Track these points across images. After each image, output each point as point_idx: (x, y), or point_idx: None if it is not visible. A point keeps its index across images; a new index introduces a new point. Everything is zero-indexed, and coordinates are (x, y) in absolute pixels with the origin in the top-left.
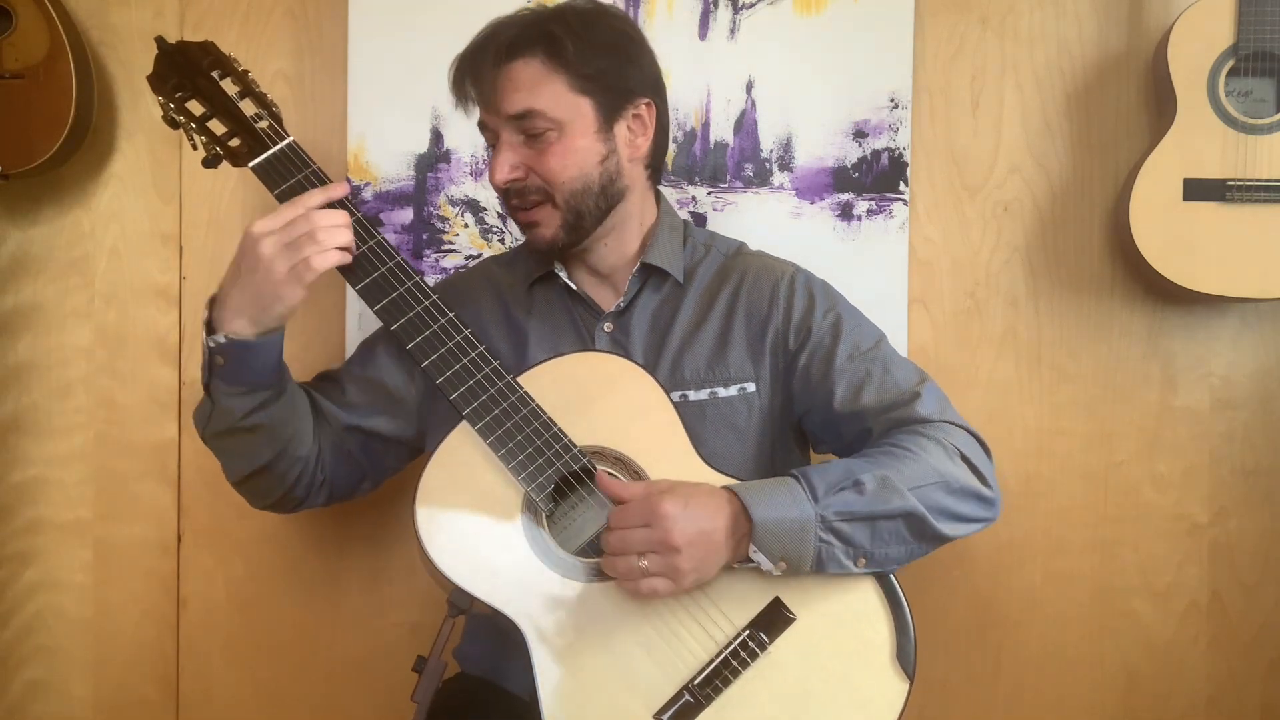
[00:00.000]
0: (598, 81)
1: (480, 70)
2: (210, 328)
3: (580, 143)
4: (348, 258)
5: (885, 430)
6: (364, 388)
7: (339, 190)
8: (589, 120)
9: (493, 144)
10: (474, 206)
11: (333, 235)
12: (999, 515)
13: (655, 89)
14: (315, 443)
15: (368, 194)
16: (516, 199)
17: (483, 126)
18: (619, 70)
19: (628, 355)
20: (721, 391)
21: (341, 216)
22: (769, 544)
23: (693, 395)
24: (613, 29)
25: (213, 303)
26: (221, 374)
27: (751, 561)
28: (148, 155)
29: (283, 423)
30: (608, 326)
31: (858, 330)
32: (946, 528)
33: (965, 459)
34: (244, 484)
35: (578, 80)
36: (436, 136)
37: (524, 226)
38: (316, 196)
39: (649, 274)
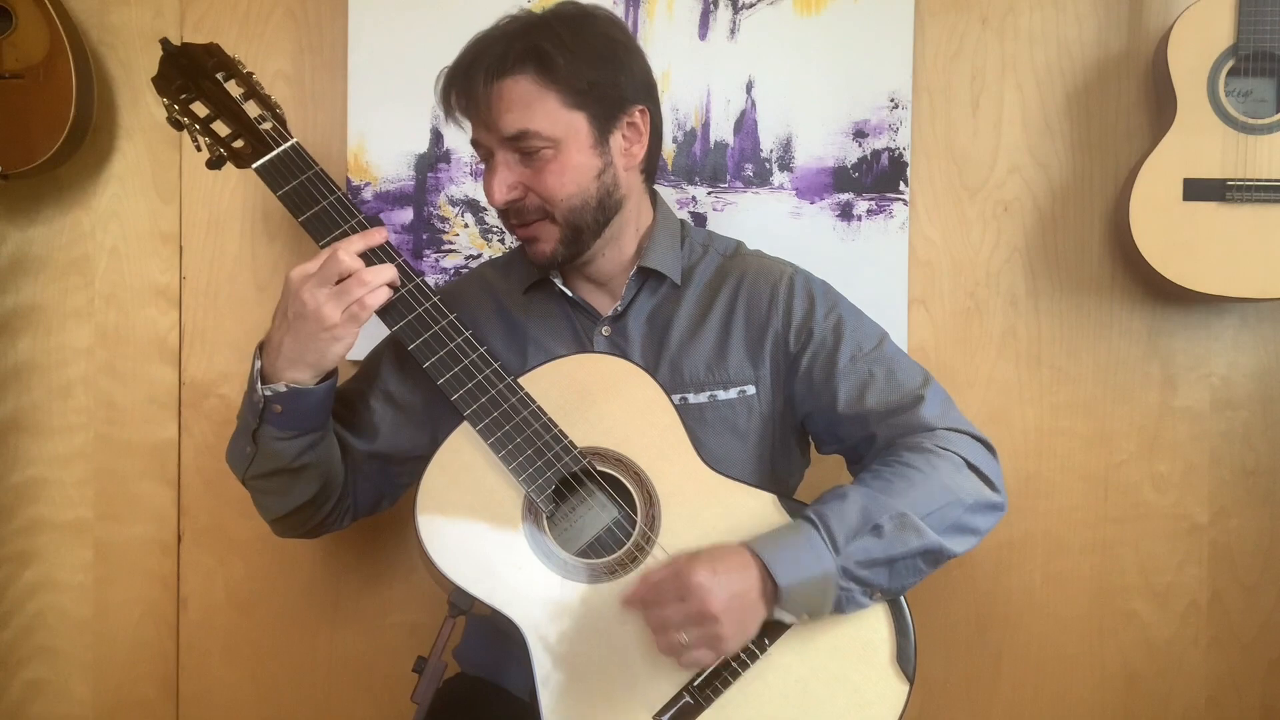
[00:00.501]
0: (590, 95)
1: (471, 89)
2: (264, 377)
3: (577, 159)
4: (390, 295)
5: (889, 436)
6: (374, 405)
7: (379, 237)
8: (584, 135)
9: (486, 160)
10: (474, 206)
11: (379, 274)
12: (1006, 511)
13: (648, 93)
14: (347, 472)
15: (368, 194)
16: (515, 217)
17: (475, 144)
18: (611, 80)
19: (626, 358)
20: (721, 394)
21: (388, 272)
22: (794, 605)
23: (692, 398)
24: (602, 36)
25: (261, 350)
26: (276, 421)
27: (776, 620)
28: (148, 155)
29: (327, 460)
30: (605, 331)
31: (859, 331)
32: (961, 543)
33: (973, 468)
34: (283, 520)
35: (570, 96)
36: (436, 136)
37: (523, 242)
38: (357, 243)
39: (646, 277)
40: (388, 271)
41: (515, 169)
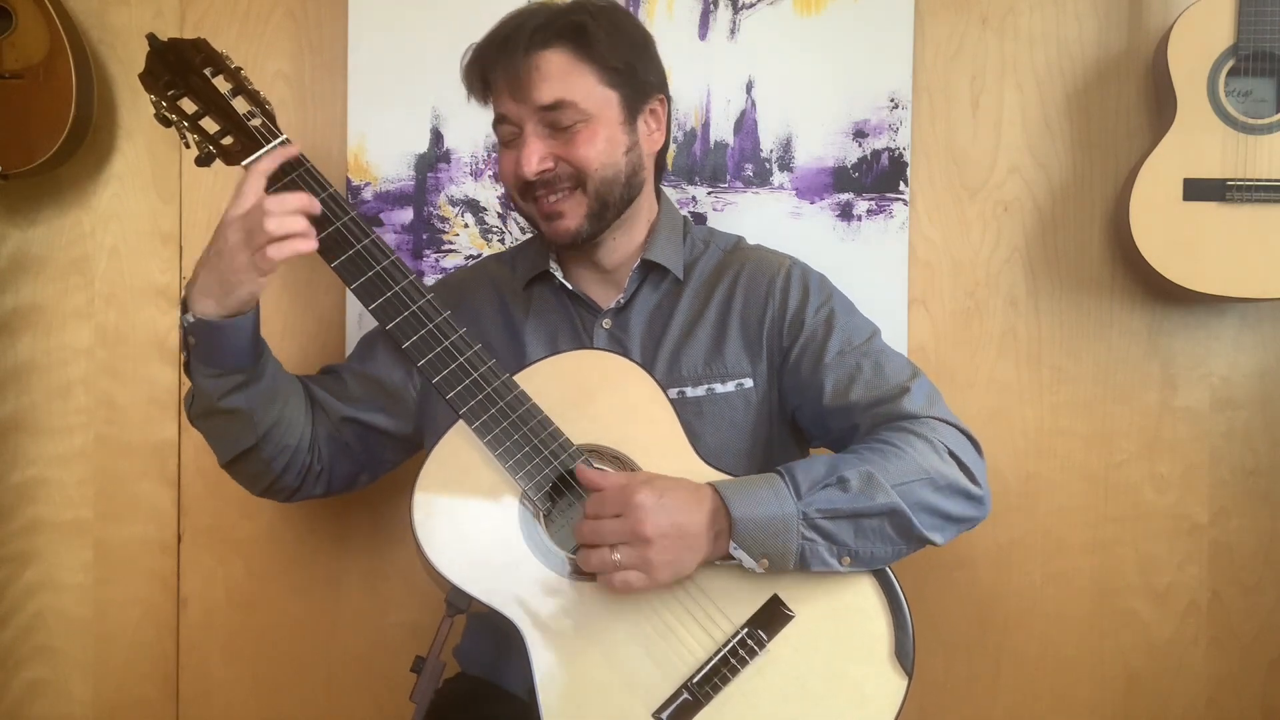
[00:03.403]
0: (624, 75)
1: (509, 60)
2: (184, 306)
3: (609, 132)
4: (310, 246)
5: (872, 426)
6: (363, 382)
7: (288, 152)
8: (616, 112)
9: (510, 138)
10: (474, 206)
11: (284, 224)
12: (988, 514)
13: (665, 86)
14: (309, 432)
15: (368, 194)
16: (544, 189)
17: (502, 120)
18: (643, 65)
19: (626, 352)
20: (719, 387)
21: (295, 201)
22: (750, 541)
23: (690, 392)
24: (633, 24)
25: (190, 283)
26: (195, 353)
27: (733, 559)
28: (148, 155)
29: (262, 408)
30: (606, 323)
31: (850, 325)
32: (933, 526)
33: (953, 455)
34: (231, 467)
35: (606, 73)
36: (436, 136)
37: (546, 218)
38: (265, 163)
39: (649, 270)
40: (295, 222)
41: (547, 140)
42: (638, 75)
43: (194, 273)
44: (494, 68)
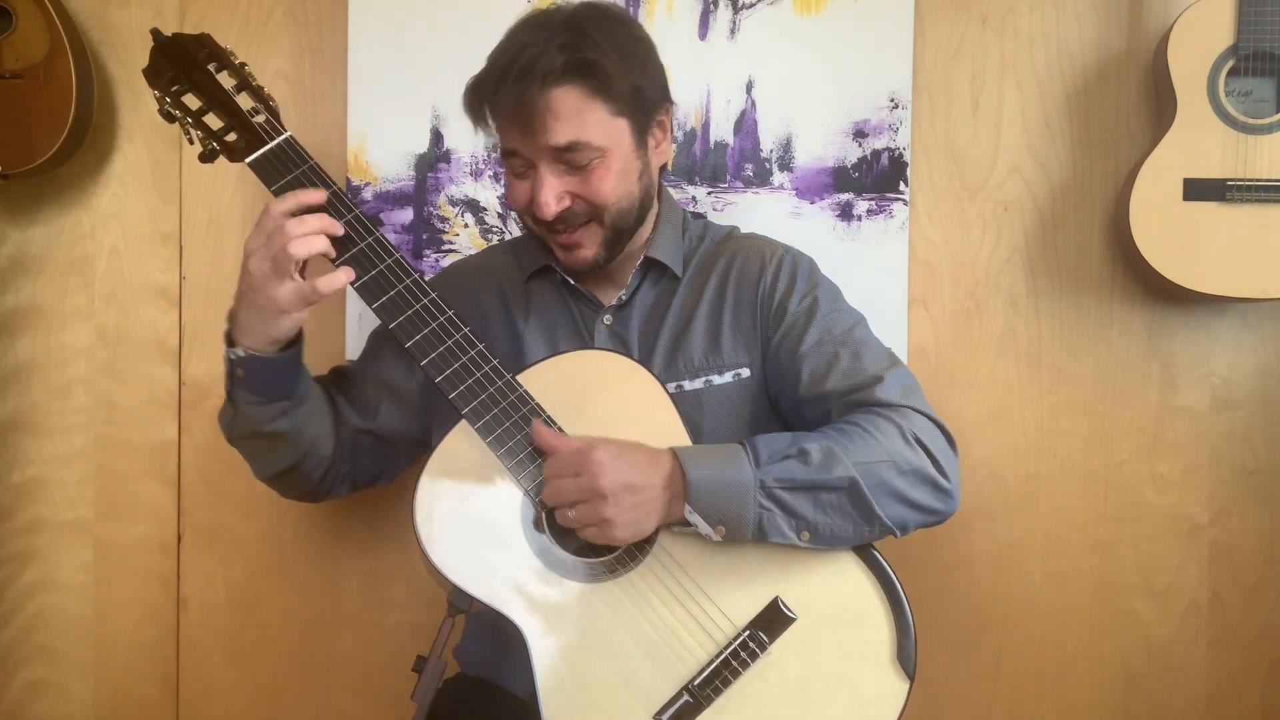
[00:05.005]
0: (632, 101)
1: (518, 99)
2: (230, 340)
3: (622, 164)
4: (324, 244)
5: (844, 412)
6: (373, 387)
7: (314, 197)
8: (627, 141)
9: (521, 170)
10: (474, 206)
11: (309, 244)
12: (955, 509)
13: (668, 93)
14: (336, 441)
15: (368, 194)
16: (561, 225)
17: (511, 154)
18: (649, 84)
19: (626, 348)
20: (716, 379)
21: (315, 222)
22: (705, 505)
23: (688, 385)
24: (634, 39)
25: (231, 316)
26: (242, 384)
27: (689, 524)
28: (148, 155)
29: (304, 430)
30: (607, 320)
31: (833, 314)
32: (893, 510)
33: (922, 445)
34: (271, 482)
35: (615, 104)
36: (436, 136)
37: (564, 248)
38: (289, 202)
39: (649, 267)
40: (314, 221)
41: (563, 178)
42: (645, 95)
43: (232, 311)
44: (501, 104)
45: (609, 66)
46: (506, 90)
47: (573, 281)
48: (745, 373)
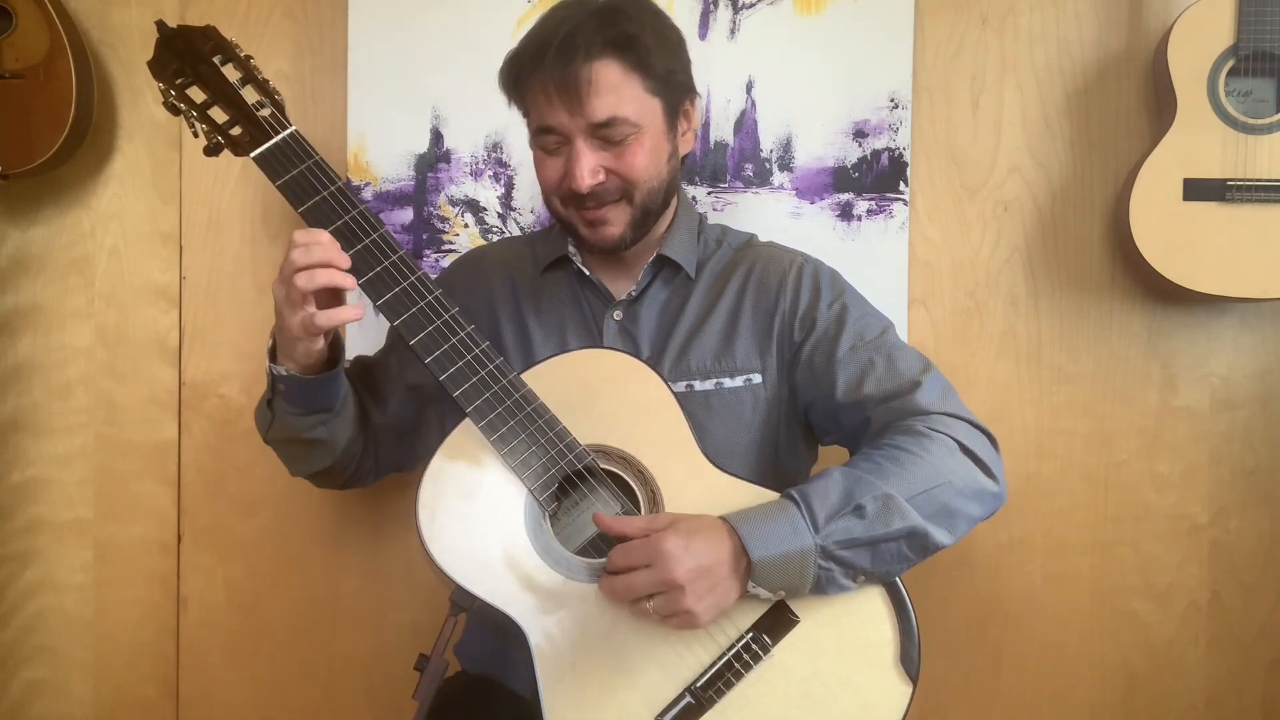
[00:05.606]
0: (666, 82)
1: (560, 72)
2: (273, 355)
3: (655, 142)
4: (327, 278)
5: (884, 421)
6: (392, 382)
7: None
8: (660, 120)
9: (555, 147)
10: (474, 206)
11: (313, 278)
12: (1005, 500)
13: (694, 85)
14: (366, 437)
15: (368, 194)
16: (593, 200)
17: (548, 130)
18: (680, 69)
19: (635, 344)
20: (727, 382)
21: (322, 253)
22: (768, 579)
23: (699, 385)
24: (668, 24)
25: (272, 334)
26: (283, 396)
27: (750, 594)
28: (148, 155)
29: (341, 433)
30: (617, 315)
31: (863, 320)
32: (951, 533)
33: (968, 452)
34: (308, 478)
35: (652, 82)
36: (436, 136)
37: (590, 225)
38: (308, 234)
39: (662, 265)
40: (321, 252)
41: (598, 153)
42: (677, 79)
43: (273, 329)
44: (541, 78)
45: (648, 42)
46: (548, 63)
47: (587, 272)
48: (756, 379)
